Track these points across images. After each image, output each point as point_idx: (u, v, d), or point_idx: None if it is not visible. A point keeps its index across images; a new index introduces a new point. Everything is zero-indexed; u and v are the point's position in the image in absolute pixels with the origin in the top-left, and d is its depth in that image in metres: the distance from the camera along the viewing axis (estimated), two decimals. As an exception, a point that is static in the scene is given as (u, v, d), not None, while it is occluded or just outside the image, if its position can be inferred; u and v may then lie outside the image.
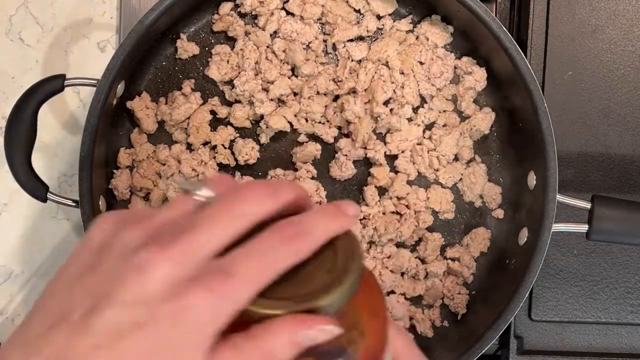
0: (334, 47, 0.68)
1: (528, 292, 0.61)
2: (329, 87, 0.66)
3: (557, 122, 0.60)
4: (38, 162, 0.73)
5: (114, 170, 0.67)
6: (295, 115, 0.67)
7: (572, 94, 0.70)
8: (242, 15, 0.68)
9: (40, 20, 0.74)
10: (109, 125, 0.65)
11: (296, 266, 0.31)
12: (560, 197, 0.60)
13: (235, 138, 0.68)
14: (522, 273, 0.60)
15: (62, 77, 0.60)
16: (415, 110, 0.68)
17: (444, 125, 0.68)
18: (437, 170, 0.68)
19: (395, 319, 0.67)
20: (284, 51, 0.67)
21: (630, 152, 0.71)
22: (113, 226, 0.32)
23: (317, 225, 0.32)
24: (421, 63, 0.67)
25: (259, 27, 0.67)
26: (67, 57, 0.74)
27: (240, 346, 0.29)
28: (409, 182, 0.68)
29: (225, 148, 0.68)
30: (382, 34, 0.68)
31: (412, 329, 0.68)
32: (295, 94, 0.67)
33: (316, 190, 0.67)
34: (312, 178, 0.68)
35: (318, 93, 0.66)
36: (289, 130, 0.67)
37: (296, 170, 0.68)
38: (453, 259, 0.68)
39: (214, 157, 0.67)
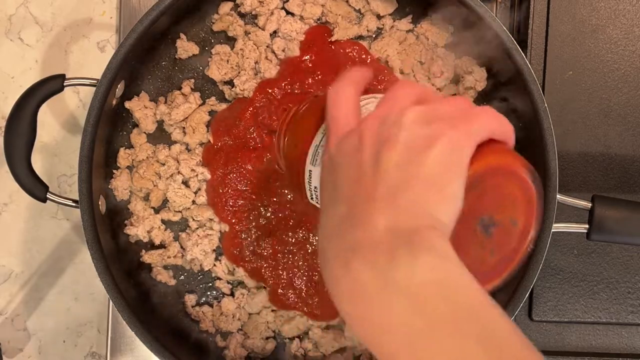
0: (334, 47, 0.68)
1: (528, 293, 0.60)
2: (329, 87, 0.66)
3: (557, 122, 0.60)
4: (38, 162, 0.73)
5: (114, 170, 0.67)
6: (295, 115, 0.66)
7: (573, 94, 0.70)
8: (242, 15, 0.68)
9: (39, 20, 0.74)
10: (108, 125, 0.65)
11: None
12: (560, 197, 0.60)
13: (235, 138, 0.68)
14: (522, 273, 0.60)
15: (62, 77, 0.60)
16: (415, 110, 0.67)
17: (444, 125, 0.68)
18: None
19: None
20: (283, 50, 0.67)
21: (630, 152, 0.71)
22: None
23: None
24: (421, 63, 0.67)
25: (259, 27, 0.67)
26: (66, 57, 0.74)
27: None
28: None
29: (225, 148, 0.67)
30: (382, 33, 0.68)
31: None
32: (295, 94, 0.67)
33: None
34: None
35: (318, 93, 0.66)
36: (288, 130, 0.67)
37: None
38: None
39: (214, 157, 0.67)
